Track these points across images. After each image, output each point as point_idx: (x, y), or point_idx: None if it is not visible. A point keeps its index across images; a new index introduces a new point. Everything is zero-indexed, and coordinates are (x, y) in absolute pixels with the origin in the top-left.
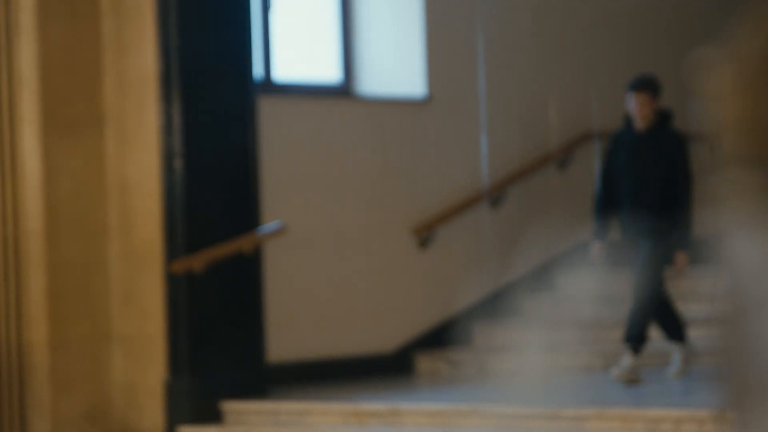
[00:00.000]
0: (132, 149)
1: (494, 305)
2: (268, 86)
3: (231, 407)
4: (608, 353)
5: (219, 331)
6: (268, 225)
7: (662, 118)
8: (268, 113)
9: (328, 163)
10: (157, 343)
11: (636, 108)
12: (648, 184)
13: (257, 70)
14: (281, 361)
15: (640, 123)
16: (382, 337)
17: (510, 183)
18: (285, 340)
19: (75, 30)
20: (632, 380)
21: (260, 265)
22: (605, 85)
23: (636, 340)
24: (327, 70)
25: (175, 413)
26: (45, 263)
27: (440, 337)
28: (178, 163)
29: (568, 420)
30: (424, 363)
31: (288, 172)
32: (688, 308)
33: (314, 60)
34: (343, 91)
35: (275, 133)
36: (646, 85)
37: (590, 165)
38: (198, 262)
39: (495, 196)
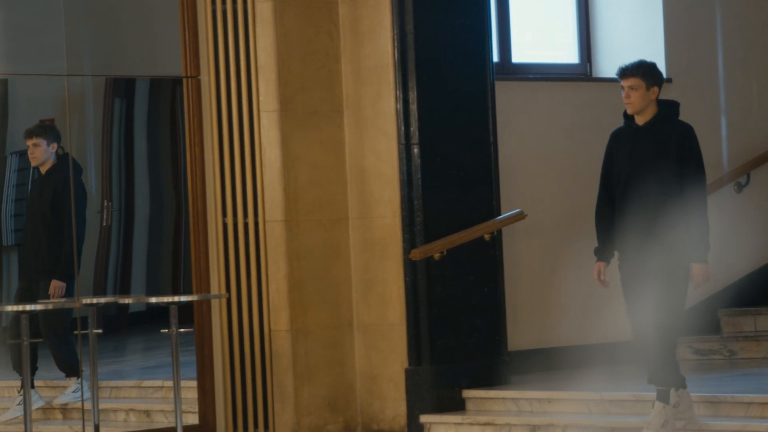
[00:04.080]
0: (369, 137)
1: (741, 293)
2: (505, 70)
3: (472, 395)
4: None
5: (459, 319)
6: (508, 211)
7: (666, 110)
8: (505, 97)
9: (566, 146)
10: (398, 332)
11: (624, 97)
12: (651, 187)
13: (494, 54)
14: (520, 348)
15: (637, 117)
16: (623, 324)
17: (754, 167)
18: (524, 327)
19: (311, 18)
20: None
21: (499, 252)
22: None
23: (663, 384)
24: (564, 54)
25: (416, 402)
26: (286, 251)
27: (685, 325)
28: (416, 150)
29: None
30: None
31: (523, 155)
32: None
33: (551, 43)
34: (582, 74)
35: (511, 117)
36: (634, 71)
37: None
38: (437, 249)
39: (738, 180)
